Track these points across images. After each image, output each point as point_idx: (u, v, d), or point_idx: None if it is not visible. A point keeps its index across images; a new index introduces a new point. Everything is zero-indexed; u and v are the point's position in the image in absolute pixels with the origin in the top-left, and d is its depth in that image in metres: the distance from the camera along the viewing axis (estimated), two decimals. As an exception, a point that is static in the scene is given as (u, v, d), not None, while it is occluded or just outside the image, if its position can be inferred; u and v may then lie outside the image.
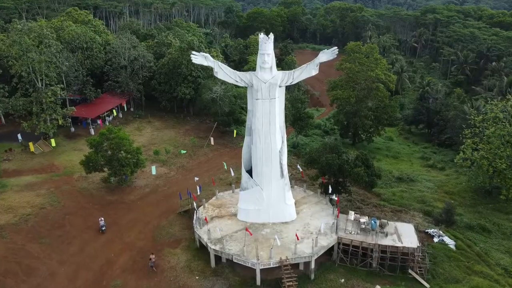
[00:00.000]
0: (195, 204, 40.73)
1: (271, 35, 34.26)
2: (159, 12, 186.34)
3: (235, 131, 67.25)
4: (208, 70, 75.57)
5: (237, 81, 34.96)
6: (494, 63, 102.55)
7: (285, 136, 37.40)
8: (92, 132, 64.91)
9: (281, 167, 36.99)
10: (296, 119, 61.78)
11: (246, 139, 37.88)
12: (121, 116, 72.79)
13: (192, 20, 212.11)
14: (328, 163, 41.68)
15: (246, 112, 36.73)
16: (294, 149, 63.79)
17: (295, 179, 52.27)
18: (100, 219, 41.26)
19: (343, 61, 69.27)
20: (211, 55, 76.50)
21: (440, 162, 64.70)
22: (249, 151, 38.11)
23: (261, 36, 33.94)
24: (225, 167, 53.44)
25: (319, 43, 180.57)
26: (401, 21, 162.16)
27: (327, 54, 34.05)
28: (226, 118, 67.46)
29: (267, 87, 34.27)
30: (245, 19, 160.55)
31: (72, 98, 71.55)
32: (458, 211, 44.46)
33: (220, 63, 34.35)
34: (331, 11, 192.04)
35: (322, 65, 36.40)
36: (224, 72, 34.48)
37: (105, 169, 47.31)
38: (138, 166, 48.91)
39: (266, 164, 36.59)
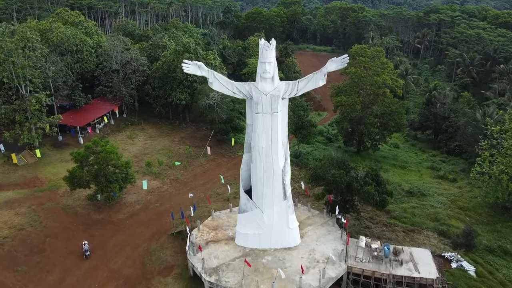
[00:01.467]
0: (188, 229, 36.79)
1: (273, 42, 30.37)
2: (156, 12, 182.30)
3: (233, 140, 63.35)
4: (204, 74, 71.80)
5: (234, 93, 31.03)
6: (502, 66, 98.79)
7: (288, 153, 33.53)
8: (81, 141, 60.98)
9: (284, 188, 33.14)
10: (298, 127, 57.91)
11: (245, 156, 34.00)
12: (112, 123, 68.83)
13: (190, 21, 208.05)
14: (335, 181, 37.86)
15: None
16: (296, 159, 59.92)
17: (298, 194, 48.50)
18: (84, 243, 37.38)
19: (348, 65, 65.11)
20: (208, 59, 73.14)
21: (451, 172, 60.90)
22: (248, 169, 34.24)
23: (262, 42, 30.03)
24: (222, 180, 49.66)
25: (319, 43, 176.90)
26: (403, 22, 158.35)
27: (337, 63, 30.22)
28: (223, 125, 63.54)
29: (269, 100, 30.39)
30: (244, 20, 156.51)
31: (61, 104, 67.61)
32: (475, 230, 40.64)
33: (215, 72, 30.45)
34: (332, 11, 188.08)
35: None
36: (220, 83, 30.57)
37: (91, 185, 43.36)
38: (128, 181, 45.00)
39: (267, 184, 32.72)
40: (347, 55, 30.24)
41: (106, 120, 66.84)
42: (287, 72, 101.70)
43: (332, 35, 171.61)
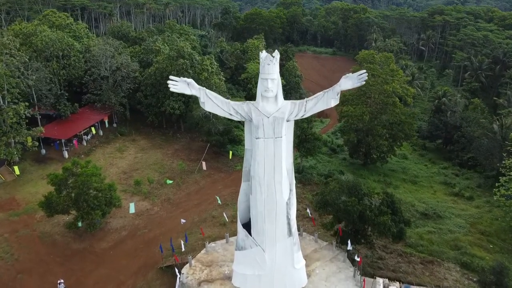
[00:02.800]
0: (177, 271, 31.96)
1: (277, 54, 25.67)
2: (152, 13, 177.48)
3: (230, 152, 58.64)
4: (200, 81, 67.10)
5: (231, 114, 26.27)
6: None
7: (294, 182, 28.82)
8: (66, 155, 56.23)
9: (289, 224, 28.42)
10: (301, 140, 53.21)
11: (243, 185, 29.25)
12: (101, 134, 64.01)
13: (187, 21, 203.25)
14: (346, 209, 33.20)
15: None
16: (299, 174, 55.24)
17: (302, 217, 43.79)
18: (59, 282, 32.67)
19: (354, 71, 60.51)
20: (204, 65, 68.41)
21: (466, 189, 56.33)
22: (246, 200, 29.51)
23: (263, 55, 25.27)
24: (219, 201, 45.02)
25: (319, 45, 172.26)
26: (406, 23, 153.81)
27: (352, 80, 25.51)
28: (220, 137, 58.82)
29: (271, 123, 25.65)
30: (243, 21, 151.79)
31: (46, 113, 62.84)
32: (507, 266, 36.02)
33: (208, 91, 25.67)
34: (332, 12, 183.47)
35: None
36: (213, 103, 25.80)
37: (71, 211, 38.61)
38: (112, 205, 40.28)
39: (269, 220, 28.01)
40: (365, 70, 25.54)
41: (94, 131, 62.02)
42: (287, 76, 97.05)
43: (333, 37, 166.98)
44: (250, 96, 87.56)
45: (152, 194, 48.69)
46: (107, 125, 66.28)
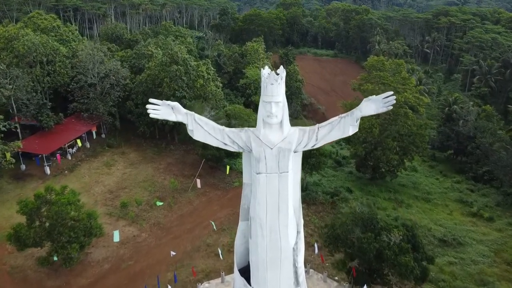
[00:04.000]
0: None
1: (282, 72, 20.75)
2: (149, 14, 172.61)
3: (228, 167, 53.76)
4: (195, 89, 62.42)
5: (225, 144, 21.30)
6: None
7: (302, 222, 24.01)
8: (48, 171, 51.45)
9: (296, 272, 23.59)
10: (305, 156, 48.42)
11: (241, 225, 24.35)
12: (88, 146, 59.20)
13: (184, 22, 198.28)
14: (361, 247, 28.50)
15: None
16: (303, 193, 50.52)
17: (307, 246, 39.00)
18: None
19: (362, 80, 56.13)
20: (199, 71, 63.58)
21: (484, 208, 51.71)
22: (245, 242, 24.63)
23: (265, 72, 20.25)
24: (214, 227, 40.31)
25: (320, 47, 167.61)
26: (410, 24, 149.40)
27: (377, 104, 20.26)
28: (216, 151, 54.03)
29: (275, 155, 20.73)
30: (241, 22, 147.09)
31: (30, 124, 58.05)
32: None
33: (197, 116, 20.77)
34: (333, 12, 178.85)
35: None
36: (204, 131, 20.86)
37: (45, 243, 33.82)
38: (93, 236, 35.51)
39: (272, 267, 23.16)
40: (392, 92, 20.56)
41: (79, 144, 57.16)
42: (288, 81, 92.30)
43: (334, 39, 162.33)
44: (249, 102, 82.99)
45: (140, 217, 43.89)
46: (94, 136, 61.43)
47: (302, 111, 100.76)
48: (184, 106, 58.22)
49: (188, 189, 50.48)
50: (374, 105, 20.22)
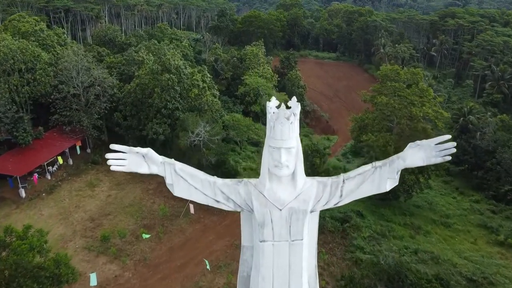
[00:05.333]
0: None
1: (296, 106, 15.00)
2: (145, 15, 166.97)
3: (225, 188, 48.36)
4: (190, 99, 56.85)
5: (218, 201, 15.37)
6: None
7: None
8: (23, 193, 45.90)
9: None
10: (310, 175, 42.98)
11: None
12: (71, 163, 53.68)
13: (181, 24, 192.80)
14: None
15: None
16: (308, 218, 45.22)
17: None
18: None
19: (375, 91, 50.62)
20: (194, 79, 57.96)
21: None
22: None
23: (271, 106, 14.64)
24: (207, 266, 34.80)
25: (322, 49, 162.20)
26: (415, 26, 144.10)
27: (427, 151, 14.41)
28: (212, 171, 48.43)
29: (286, 218, 14.91)
30: (240, 24, 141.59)
31: (7, 138, 52.47)
32: None
33: (179, 166, 15.13)
34: (335, 14, 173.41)
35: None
36: (188, 185, 14.92)
37: (4, 294, 28.25)
38: (64, 283, 29.91)
39: None
40: (449, 136, 14.84)
41: (60, 161, 51.61)
42: (290, 87, 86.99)
43: (336, 41, 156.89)
44: (248, 111, 77.50)
45: (123, 252, 38.29)
46: (79, 151, 55.89)
47: (305, 119, 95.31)
48: (177, 119, 51.25)
49: (180, 215, 44.90)
50: (424, 153, 14.24)
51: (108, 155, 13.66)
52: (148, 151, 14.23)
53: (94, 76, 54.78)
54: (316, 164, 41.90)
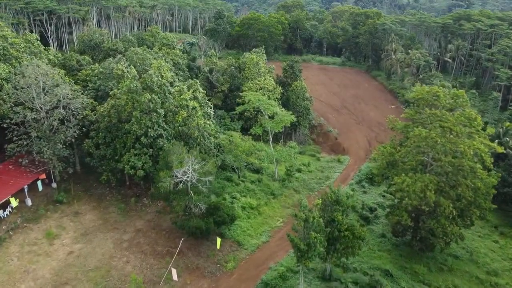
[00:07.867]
0: None
1: None
2: (137, 17, 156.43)
3: (219, 240, 38.23)
4: (176, 124, 46.52)
5: None
6: None
7: None
8: (-42, 251, 35.60)
9: None
10: (332, 239, 32.72)
11: None
12: (29, 204, 43.38)
13: (177, 26, 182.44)
14: None
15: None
16: (325, 284, 34.99)
17: None
18: None
19: (408, 117, 40.38)
20: (182, 99, 47.22)
21: None
22: None
23: None
24: None
25: (325, 54, 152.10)
26: (425, 29, 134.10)
27: None
28: (202, 221, 38.08)
29: None
30: (239, 27, 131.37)
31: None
32: None
33: None
34: (339, 16, 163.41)
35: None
36: None
37: None
38: None
39: None
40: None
41: (14, 204, 41.31)
42: (294, 100, 76.66)
43: (341, 45, 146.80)
44: (248, 127, 67.42)
45: None
46: (40, 188, 45.57)
47: (310, 134, 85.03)
48: (160, 149, 39.24)
49: (160, 282, 34.67)
50: None
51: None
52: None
53: (58, 96, 44.42)
54: (337, 219, 31.74)
